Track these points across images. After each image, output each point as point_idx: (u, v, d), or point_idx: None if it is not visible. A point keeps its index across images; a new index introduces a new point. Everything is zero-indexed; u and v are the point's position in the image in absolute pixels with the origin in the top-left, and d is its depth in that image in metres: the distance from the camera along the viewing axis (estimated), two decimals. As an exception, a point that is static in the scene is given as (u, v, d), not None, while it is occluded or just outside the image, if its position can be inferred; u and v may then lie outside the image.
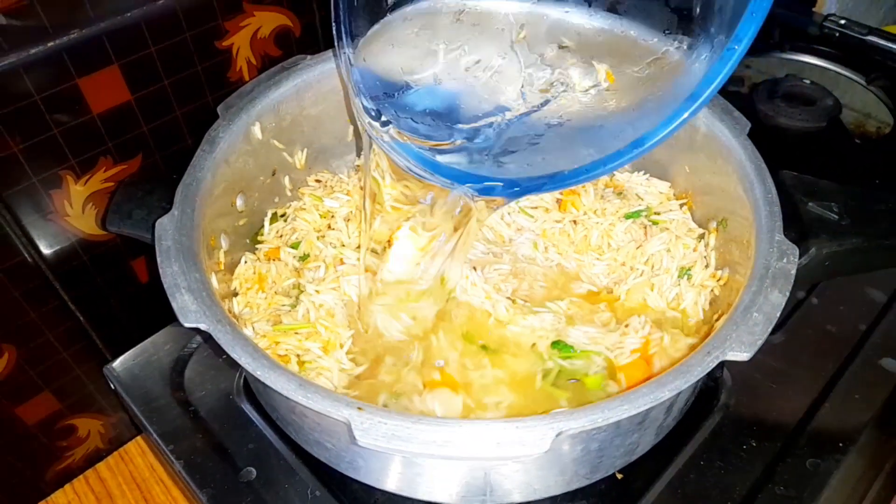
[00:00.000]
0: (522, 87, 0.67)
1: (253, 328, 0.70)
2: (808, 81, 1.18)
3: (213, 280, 0.69)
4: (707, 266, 0.76)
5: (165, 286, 0.61)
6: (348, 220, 0.80)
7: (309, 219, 0.81)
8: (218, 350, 0.58)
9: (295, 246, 0.80)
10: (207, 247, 0.72)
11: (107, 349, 0.96)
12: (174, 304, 0.59)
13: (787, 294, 0.60)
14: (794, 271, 0.61)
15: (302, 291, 0.75)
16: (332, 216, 0.81)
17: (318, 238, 0.79)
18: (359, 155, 0.93)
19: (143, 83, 0.82)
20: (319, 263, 0.76)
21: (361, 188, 0.84)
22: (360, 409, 0.52)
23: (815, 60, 1.26)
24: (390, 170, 0.75)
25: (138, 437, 1.04)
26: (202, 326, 0.58)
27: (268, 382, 0.54)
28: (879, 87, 1.19)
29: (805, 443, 0.73)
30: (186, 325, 0.58)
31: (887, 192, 0.72)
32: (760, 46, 1.27)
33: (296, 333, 0.71)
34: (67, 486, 0.99)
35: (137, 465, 1.02)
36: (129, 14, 0.76)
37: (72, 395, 0.95)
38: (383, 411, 0.52)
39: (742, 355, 0.56)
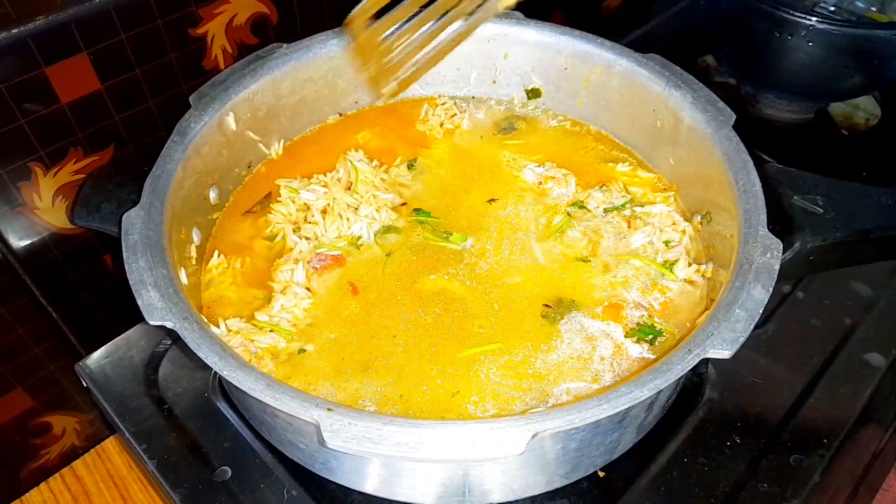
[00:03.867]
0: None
1: (226, 324, 0.68)
2: (796, 72, 1.17)
3: (183, 275, 0.67)
4: (691, 263, 0.74)
5: (131, 282, 0.59)
6: (325, 212, 0.78)
7: (285, 211, 0.79)
8: (187, 348, 0.56)
9: (271, 238, 0.78)
10: (178, 241, 0.70)
11: (81, 345, 0.94)
12: (139, 301, 0.58)
13: (770, 290, 0.58)
14: (777, 266, 0.60)
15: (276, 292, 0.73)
16: (309, 209, 0.79)
17: (293, 231, 0.77)
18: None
19: (114, 72, 0.79)
20: (293, 266, 0.74)
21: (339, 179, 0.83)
22: (329, 409, 0.50)
23: (803, 50, 1.24)
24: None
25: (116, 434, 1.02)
26: (168, 324, 0.56)
27: (235, 382, 0.53)
28: (868, 78, 1.18)
29: (789, 439, 0.72)
30: (152, 322, 0.56)
31: (873, 185, 0.70)
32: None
33: (270, 331, 0.69)
34: (43, 485, 0.97)
35: (115, 462, 1.00)
36: (97, 0, 0.73)
37: (45, 392, 0.93)
38: (354, 412, 0.51)
39: (724, 353, 0.55)
